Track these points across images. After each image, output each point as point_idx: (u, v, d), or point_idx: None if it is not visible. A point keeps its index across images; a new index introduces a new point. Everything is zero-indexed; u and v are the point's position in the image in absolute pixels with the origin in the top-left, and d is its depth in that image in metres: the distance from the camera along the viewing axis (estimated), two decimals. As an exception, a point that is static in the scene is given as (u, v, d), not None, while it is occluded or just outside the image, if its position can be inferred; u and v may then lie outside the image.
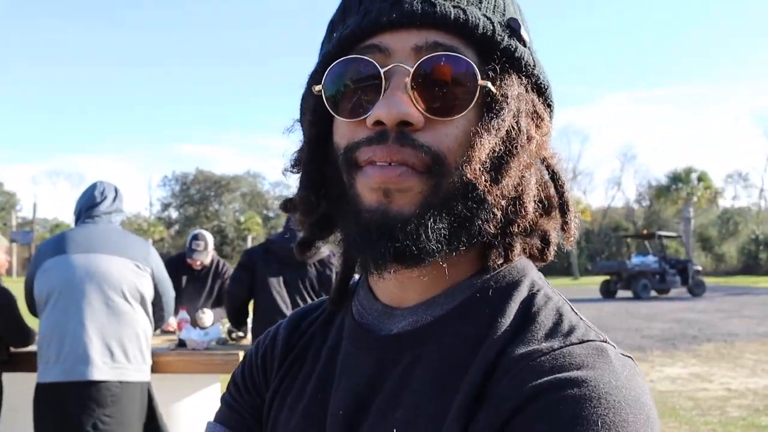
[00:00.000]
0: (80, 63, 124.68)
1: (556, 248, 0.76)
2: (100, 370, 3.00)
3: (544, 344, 0.61)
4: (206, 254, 5.30)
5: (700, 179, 45.54)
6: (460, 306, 0.69)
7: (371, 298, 0.76)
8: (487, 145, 0.63)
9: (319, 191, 0.74)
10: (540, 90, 0.72)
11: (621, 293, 25.85)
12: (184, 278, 5.28)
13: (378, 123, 0.63)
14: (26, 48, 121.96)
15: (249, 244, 61.24)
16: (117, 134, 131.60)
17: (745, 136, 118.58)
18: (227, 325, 4.45)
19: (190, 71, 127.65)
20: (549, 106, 0.74)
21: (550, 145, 0.73)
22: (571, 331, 0.63)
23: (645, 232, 34.69)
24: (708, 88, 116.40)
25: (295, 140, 0.78)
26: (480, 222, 0.66)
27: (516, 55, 0.67)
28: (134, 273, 3.19)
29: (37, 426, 3.11)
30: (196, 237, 5.35)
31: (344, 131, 0.68)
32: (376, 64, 0.65)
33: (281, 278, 4.05)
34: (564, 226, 0.73)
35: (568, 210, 0.73)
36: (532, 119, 0.69)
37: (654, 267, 25.93)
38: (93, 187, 3.43)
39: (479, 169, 0.62)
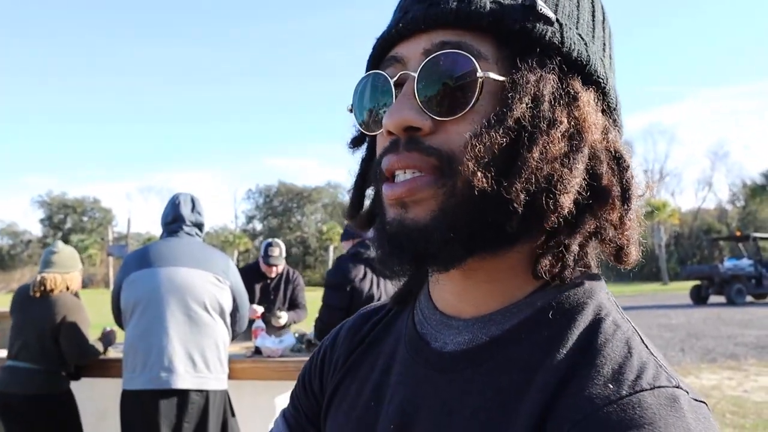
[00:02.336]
0: (169, 81, 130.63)
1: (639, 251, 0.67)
2: (184, 379, 3.12)
3: (611, 386, 0.56)
4: (281, 260, 5.51)
5: (799, 177, 42.74)
6: (517, 327, 0.65)
7: (431, 307, 0.73)
8: (484, 139, 0.59)
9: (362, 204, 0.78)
10: (577, 67, 0.64)
11: (713, 299, 24.58)
12: (258, 286, 5.47)
13: (391, 132, 0.64)
14: (127, 71, 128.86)
15: (331, 253, 62.31)
16: (204, 150, 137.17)
17: None
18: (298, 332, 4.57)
19: (274, 86, 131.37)
20: (596, 83, 0.66)
21: (599, 125, 0.64)
22: (641, 372, 0.57)
23: (738, 233, 32.86)
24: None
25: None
26: (502, 221, 0.61)
27: (533, 36, 0.62)
28: (214, 285, 3.32)
29: (124, 431, 3.25)
30: (270, 245, 5.54)
31: (379, 143, 0.69)
32: (387, 76, 0.66)
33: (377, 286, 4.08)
34: (621, 218, 0.64)
35: (630, 199, 0.64)
36: (559, 102, 0.62)
37: (749, 270, 24.55)
38: (172, 200, 3.58)
39: (472, 165, 0.59)
